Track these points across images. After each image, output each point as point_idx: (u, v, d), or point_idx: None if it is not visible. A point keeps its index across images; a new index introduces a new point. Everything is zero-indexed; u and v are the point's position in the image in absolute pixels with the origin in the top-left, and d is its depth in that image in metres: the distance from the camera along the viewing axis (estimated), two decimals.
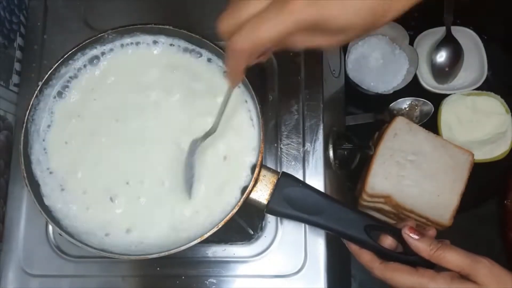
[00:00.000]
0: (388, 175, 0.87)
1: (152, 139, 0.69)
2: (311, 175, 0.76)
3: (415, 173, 0.87)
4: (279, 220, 0.75)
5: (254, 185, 0.64)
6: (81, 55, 0.70)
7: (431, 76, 1.01)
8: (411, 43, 0.99)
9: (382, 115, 0.98)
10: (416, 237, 0.59)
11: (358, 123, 0.97)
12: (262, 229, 0.75)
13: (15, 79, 0.80)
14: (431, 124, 0.96)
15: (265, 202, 0.64)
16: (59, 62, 0.69)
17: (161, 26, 0.70)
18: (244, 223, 0.76)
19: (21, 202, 0.76)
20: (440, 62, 0.99)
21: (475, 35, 1.00)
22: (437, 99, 0.98)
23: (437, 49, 0.99)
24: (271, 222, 0.75)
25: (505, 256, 0.94)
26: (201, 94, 0.70)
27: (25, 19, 0.83)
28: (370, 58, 0.98)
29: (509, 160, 0.96)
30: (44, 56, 0.81)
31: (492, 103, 0.96)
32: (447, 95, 0.98)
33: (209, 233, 0.61)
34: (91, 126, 0.70)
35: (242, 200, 0.63)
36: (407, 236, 0.60)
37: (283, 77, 0.80)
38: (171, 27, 0.69)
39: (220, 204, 0.66)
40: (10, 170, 0.78)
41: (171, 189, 0.68)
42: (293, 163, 0.76)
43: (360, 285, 0.90)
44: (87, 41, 0.69)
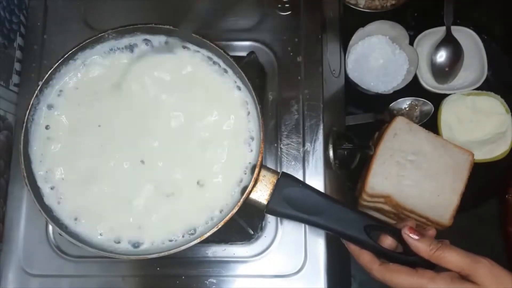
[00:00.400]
0: (388, 175, 0.87)
1: (153, 136, 0.69)
2: (311, 175, 0.76)
3: (415, 173, 0.87)
4: (279, 220, 0.75)
5: (254, 185, 0.64)
6: (81, 54, 0.70)
7: (431, 76, 1.01)
8: (411, 43, 0.99)
9: (382, 115, 0.98)
10: (416, 237, 0.59)
11: (358, 123, 0.97)
12: (262, 229, 0.75)
13: (15, 79, 0.80)
14: (431, 124, 0.96)
15: (265, 202, 0.64)
16: (60, 61, 0.69)
17: (161, 26, 0.70)
18: (244, 223, 0.75)
19: (21, 202, 0.76)
20: (440, 62, 0.99)
21: (475, 35, 1.00)
22: (437, 99, 0.98)
23: (437, 49, 0.99)
24: (271, 222, 0.75)
25: (506, 255, 0.94)
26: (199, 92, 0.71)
27: (25, 19, 0.83)
28: (370, 58, 0.98)
29: (509, 160, 0.96)
30: (44, 56, 0.81)
31: (492, 103, 0.96)
32: (447, 95, 0.98)
33: (208, 233, 0.61)
34: (91, 126, 0.70)
35: (242, 200, 0.63)
36: (407, 236, 0.60)
37: (283, 77, 0.80)
38: (171, 27, 0.69)
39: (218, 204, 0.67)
40: (10, 170, 0.78)
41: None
42: (293, 163, 0.76)
43: (360, 285, 0.90)
44: (87, 40, 0.69)
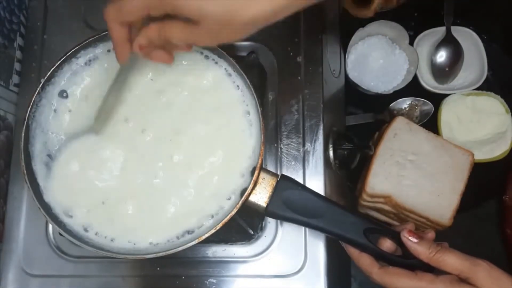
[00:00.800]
0: (388, 175, 0.87)
1: (153, 134, 0.69)
2: (311, 175, 0.76)
3: (415, 173, 0.87)
4: (279, 221, 0.75)
5: (253, 188, 0.64)
6: (83, 53, 0.70)
7: (431, 76, 1.01)
8: (411, 43, 0.98)
9: (382, 115, 0.97)
10: (415, 240, 0.59)
11: (358, 123, 0.97)
12: (262, 229, 0.75)
13: (15, 79, 0.80)
14: (431, 124, 0.96)
15: (264, 205, 0.64)
16: (62, 59, 0.69)
17: None
18: (244, 223, 0.75)
19: (21, 202, 0.76)
20: (440, 62, 0.99)
21: (475, 35, 1.00)
22: (437, 99, 0.98)
23: (437, 49, 0.99)
24: (271, 222, 0.75)
25: (505, 255, 0.94)
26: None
27: (25, 19, 0.83)
28: (370, 58, 0.98)
29: (509, 160, 0.96)
30: (44, 56, 0.81)
31: (492, 103, 0.96)
32: (447, 95, 0.97)
33: (207, 234, 0.62)
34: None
35: (241, 202, 0.63)
36: (406, 239, 0.60)
37: (283, 77, 0.80)
38: None
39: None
40: (10, 170, 0.78)
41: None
42: (293, 163, 0.76)
43: (360, 285, 0.90)
44: (90, 39, 0.69)
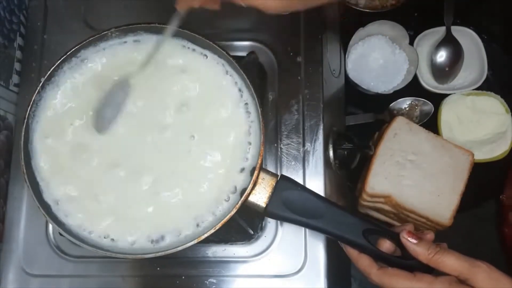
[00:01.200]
0: (388, 175, 0.87)
1: (151, 132, 0.69)
2: (311, 175, 0.76)
3: (415, 173, 0.87)
4: (279, 221, 0.75)
5: (253, 188, 0.64)
6: (84, 52, 0.70)
7: (431, 76, 1.01)
8: (411, 43, 0.98)
9: (382, 115, 0.98)
10: (414, 241, 0.59)
11: (358, 123, 0.97)
12: (262, 229, 0.75)
13: (15, 79, 0.80)
14: (431, 124, 0.96)
15: (264, 205, 0.64)
16: (62, 59, 0.69)
17: (164, 26, 0.69)
18: (244, 223, 0.75)
19: (21, 202, 0.76)
20: (440, 62, 0.99)
21: (475, 35, 1.00)
22: (437, 99, 0.98)
23: (437, 49, 0.99)
24: (271, 222, 0.75)
25: (504, 255, 0.94)
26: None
27: (25, 19, 0.83)
28: (370, 58, 0.98)
29: (509, 160, 0.96)
30: (44, 56, 0.81)
31: (492, 103, 0.96)
32: (447, 95, 0.97)
33: (206, 234, 0.61)
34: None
35: (240, 202, 0.63)
36: (405, 240, 0.60)
37: (283, 77, 0.80)
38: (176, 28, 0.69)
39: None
40: (10, 170, 0.78)
41: None
42: (293, 163, 0.76)
43: (360, 285, 0.90)
44: (90, 39, 0.69)
